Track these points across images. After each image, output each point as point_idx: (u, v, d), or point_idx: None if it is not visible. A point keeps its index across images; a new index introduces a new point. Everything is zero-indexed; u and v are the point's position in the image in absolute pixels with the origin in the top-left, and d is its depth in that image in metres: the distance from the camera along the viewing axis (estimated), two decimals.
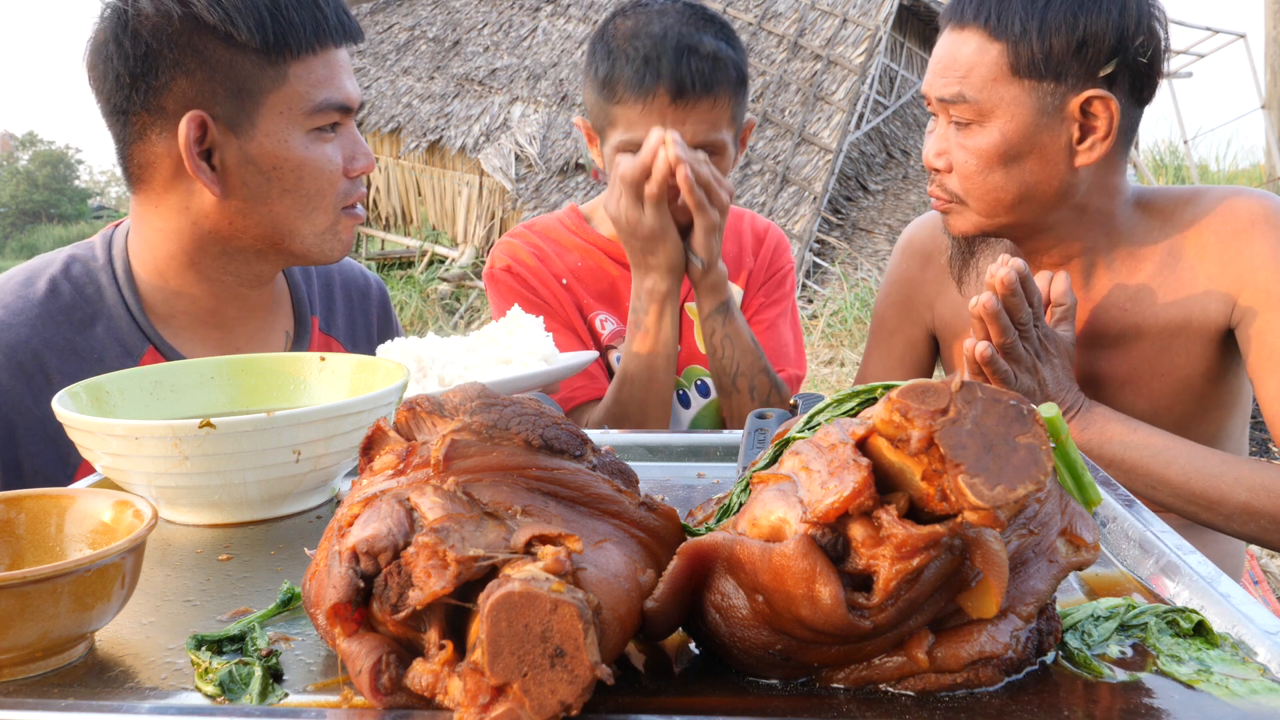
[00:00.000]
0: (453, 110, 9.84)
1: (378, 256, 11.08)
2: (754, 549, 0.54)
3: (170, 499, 0.89)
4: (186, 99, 1.20)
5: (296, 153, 1.25)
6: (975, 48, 1.30)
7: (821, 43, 8.99)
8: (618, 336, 1.68)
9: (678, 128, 1.48)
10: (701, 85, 1.48)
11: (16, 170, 34.09)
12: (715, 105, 1.51)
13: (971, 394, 0.51)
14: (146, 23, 1.19)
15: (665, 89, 1.48)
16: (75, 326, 1.27)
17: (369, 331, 1.58)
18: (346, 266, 1.60)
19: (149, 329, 1.30)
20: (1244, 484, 1.24)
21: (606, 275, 1.71)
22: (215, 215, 1.26)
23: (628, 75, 1.51)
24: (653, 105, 1.49)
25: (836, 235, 8.70)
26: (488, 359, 1.27)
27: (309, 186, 1.27)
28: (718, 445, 1.14)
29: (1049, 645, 0.58)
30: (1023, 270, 1.23)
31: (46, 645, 0.60)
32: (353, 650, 0.54)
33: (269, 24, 1.20)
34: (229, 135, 1.22)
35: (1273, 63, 10.22)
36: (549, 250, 1.71)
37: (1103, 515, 0.82)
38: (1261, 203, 1.33)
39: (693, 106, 1.49)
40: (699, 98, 1.49)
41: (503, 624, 0.48)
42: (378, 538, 0.53)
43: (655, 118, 1.49)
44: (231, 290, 1.34)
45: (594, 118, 1.62)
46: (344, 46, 1.30)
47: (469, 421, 0.60)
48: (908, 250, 1.63)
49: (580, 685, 0.49)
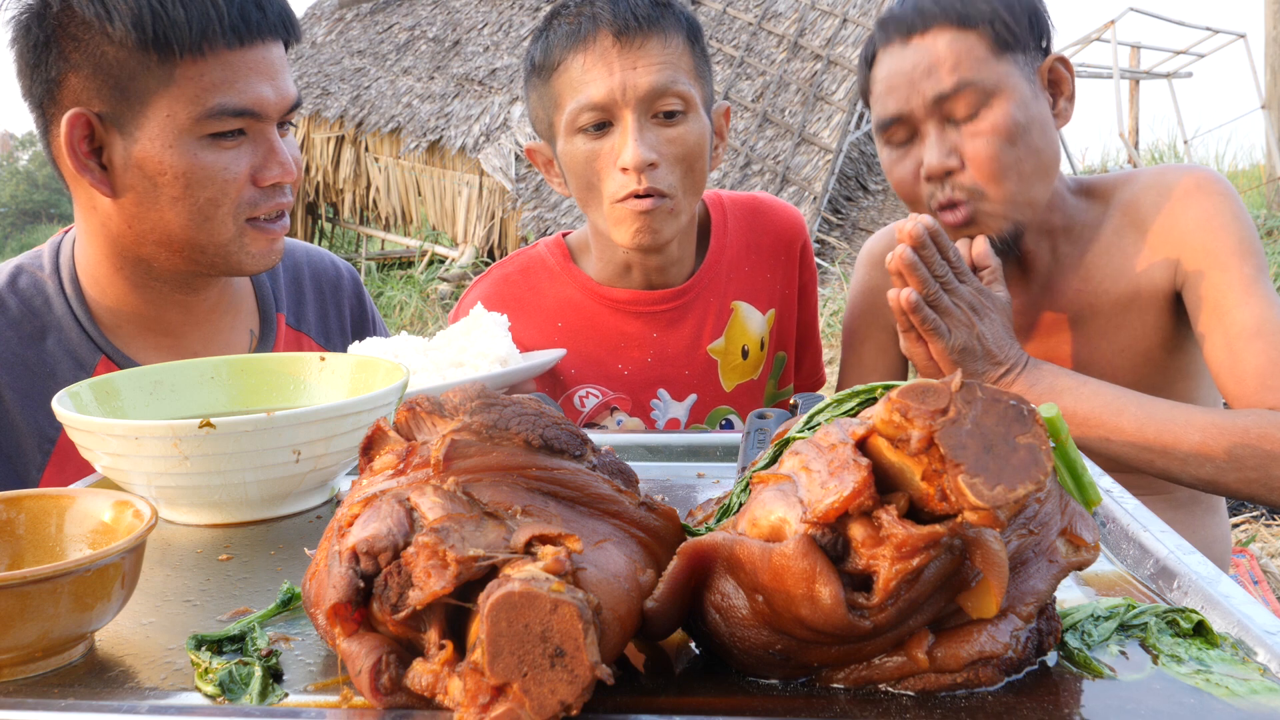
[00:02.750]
0: (453, 110, 9.84)
1: (378, 256, 11.09)
2: (754, 549, 0.54)
3: (170, 499, 0.89)
4: (75, 94, 1.15)
5: (183, 159, 1.16)
6: (950, 40, 1.32)
7: (821, 43, 8.99)
8: (602, 411, 1.50)
9: (629, 73, 1.31)
10: (645, 20, 1.32)
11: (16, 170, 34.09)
12: (667, 45, 1.33)
13: (971, 394, 0.51)
14: (37, 12, 1.15)
15: (606, 28, 1.32)
16: (24, 341, 1.23)
17: (342, 323, 1.52)
18: (316, 257, 1.54)
19: (100, 339, 1.25)
20: (1195, 425, 1.24)
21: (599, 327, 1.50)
22: (116, 218, 1.21)
23: (564, 33, 1.36)
24: (595, 51, 1.32)
25: (836, 235, 8.70)
26: (439, 362, 1.21)
27: (198, 196, 1.18)
28: (718, 445, 1.14)
29: (1049, 645, 0.58)
30: (931, 225, 1.25)
31: (46, 645, 0.60)
32: (353, 650, 0.54)
33: (148, 20, 1.12)
34: (115, 135, 1.16)
35: (1273, 63, 10.21)
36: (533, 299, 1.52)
37: (1103, 515, 0.82)
38: (1191, 173, 1.39)
39: (641, 46, 1.32)
40: (646, 34, 1.32)
41: (503, 624, 0.48)
42: (378, 538, 0.53)
43: (601, 66, 1.32)
44: (166, 296, 1.29)
45: (540, 122, 1.44)
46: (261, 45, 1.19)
47: (469, 421, 0.60)
48: (869, 261, 1.63)
49: (580, 685, 0.49)
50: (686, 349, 1.52)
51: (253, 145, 1.21)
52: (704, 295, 1.52)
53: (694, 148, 1.36)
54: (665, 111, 1.34)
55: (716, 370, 1.53)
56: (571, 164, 1.39)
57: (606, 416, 1.51)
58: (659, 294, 1.50)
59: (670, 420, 1.53)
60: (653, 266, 1.48)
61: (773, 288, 1.58)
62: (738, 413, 1.56)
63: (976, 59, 1.32)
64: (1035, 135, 1.34)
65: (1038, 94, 1.36)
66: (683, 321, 1.51)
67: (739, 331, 1.55)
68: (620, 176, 1.34)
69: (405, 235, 10.75)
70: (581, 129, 1.36)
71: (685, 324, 1.51)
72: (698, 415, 1.54)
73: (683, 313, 1.51)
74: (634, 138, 1.32)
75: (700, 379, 1.52)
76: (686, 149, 1.35)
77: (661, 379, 1.52)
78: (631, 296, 1.50)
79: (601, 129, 1.35)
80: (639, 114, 1.33)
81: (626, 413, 1.51)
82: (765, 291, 1.56)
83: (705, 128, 1.38)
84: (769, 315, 1.57)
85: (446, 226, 9.88)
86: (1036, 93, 1.36)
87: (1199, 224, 1.35)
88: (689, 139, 1.35)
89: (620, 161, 1.33)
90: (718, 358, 1.54)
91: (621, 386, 1.50)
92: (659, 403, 1.52)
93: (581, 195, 1.41)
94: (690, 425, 1.53)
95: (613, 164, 1.35)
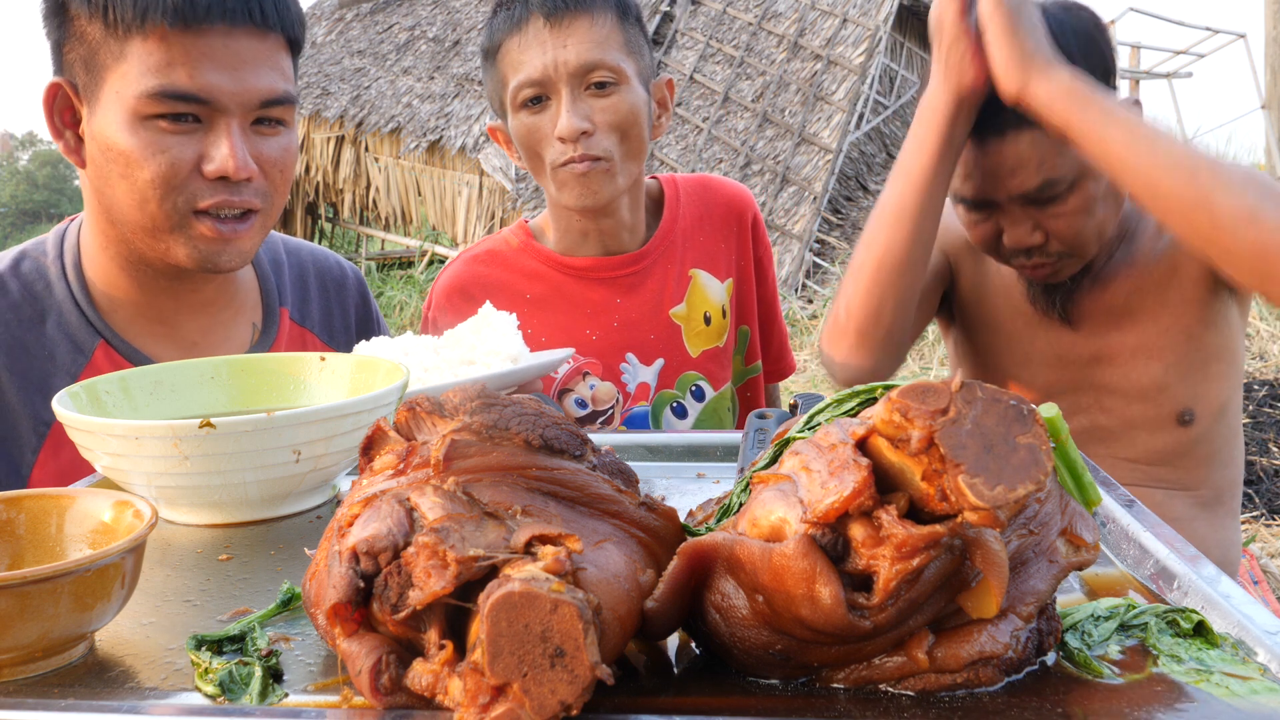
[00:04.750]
0: (453, 110, 9.84)
1: (378, 256, 11.10)
2: (754, 549, 0.54)
3: (170, 499, 0.89)
4: (69, 64, 1.19)
5: (126, 137, 1.15)
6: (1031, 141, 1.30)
7: (821, 43, 8.99)
8: (575, 376, 1.59)
9: (560, 51, 1.43)
10: (574, 2, 1.44)
11: (16, 170, 34.10)
12: (595, 24, 1.45)
13: (971, 394, 0.51)
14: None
15: (536, 11, 1.44)
16: (24, 324, 1.24)
17: (346, 322, 1.52)
18: (321, 256, 1.54)
19: (99, 323, 1.26)
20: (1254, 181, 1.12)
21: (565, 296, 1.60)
22: (89, 193, 1.23)
23: (502, 19, 1.48)
24: (529, 33, 1.45)
25: (836, 235, 8.70)
26: (450, 360, 1.22)
27: (138, 176, 1.16)
28: (718, 445, 1.14)
29: (1049, 645, 0.58)
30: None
31: (46, 645, 0.60)
32: (353, 650, 0.54)
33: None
34: (84, 106, 1.18)
35: (1273, 63, 10.22)
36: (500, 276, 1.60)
37: (1103, 515, 0.82)
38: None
39: (570, 25, 1.44)
40: (574, 15, 1.44)
41: (503, 624, 0.48)
42: (378, 538, 0.53)
43: (535, 46, 1.44)
44: (155, 283, 1.28)
45: (494, 101, 1.56)
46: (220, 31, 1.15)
47: (469, 421, 0.60)
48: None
49: (580, 685, 0.49)
50: (649, 314, 1.62)
51: (207, 135, 1.18)
52: (661, 261, 1.62)
53: (627, 115, 1.47)
54: (596, 83, 1.45)
55: (680, 335, 1.63)
56: (519, 137, 1.51)
57: (579, 381, 1.59)
58: (617, 259, 1.60)
59: (640, 384, 1.61)
60: (606, 231, 1.58)
61: (729, 257, 1.68)
62: (706, 378, 1.64)
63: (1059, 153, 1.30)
64: (1110, 193, 1.36)
65: None
66: (643, 286, 1.61)
67: (699, 298, 1.64)
68: (559, 145, 1.46)
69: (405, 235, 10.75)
70: (523, 104, 1.48)
71: (645, 288, 1.61)
72: (667, 380, 1.62)
73: (642, 278, 1.61)
74: (567, 109, 1.44)
75: (665, 344, 1.62)
76: (620, 116, 1.46)
77: (628, 344, 1.61)
78: (591, 263, 1.60)
79: (540, 102, 1.47)
80: (572, 87, 1.45)
81: (598, 377, 1.60)
82: (722, 260, 1.67)
83: (640, 98, 1.49)
84: (727, 284, 1.67)
85: (446, 226, 9.88)
86: None
87: None
88: (621, 107, 1.47)
89: (557, 131, 1.45)
90: (680, 323, 1.63)
91: (591, 352, 1.59)
92: (628, 366, 1.61)
93: (531, 165, 1.53)
94: (660, 390, 1.62)
95: (552, 134, 1.46)
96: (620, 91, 1.46)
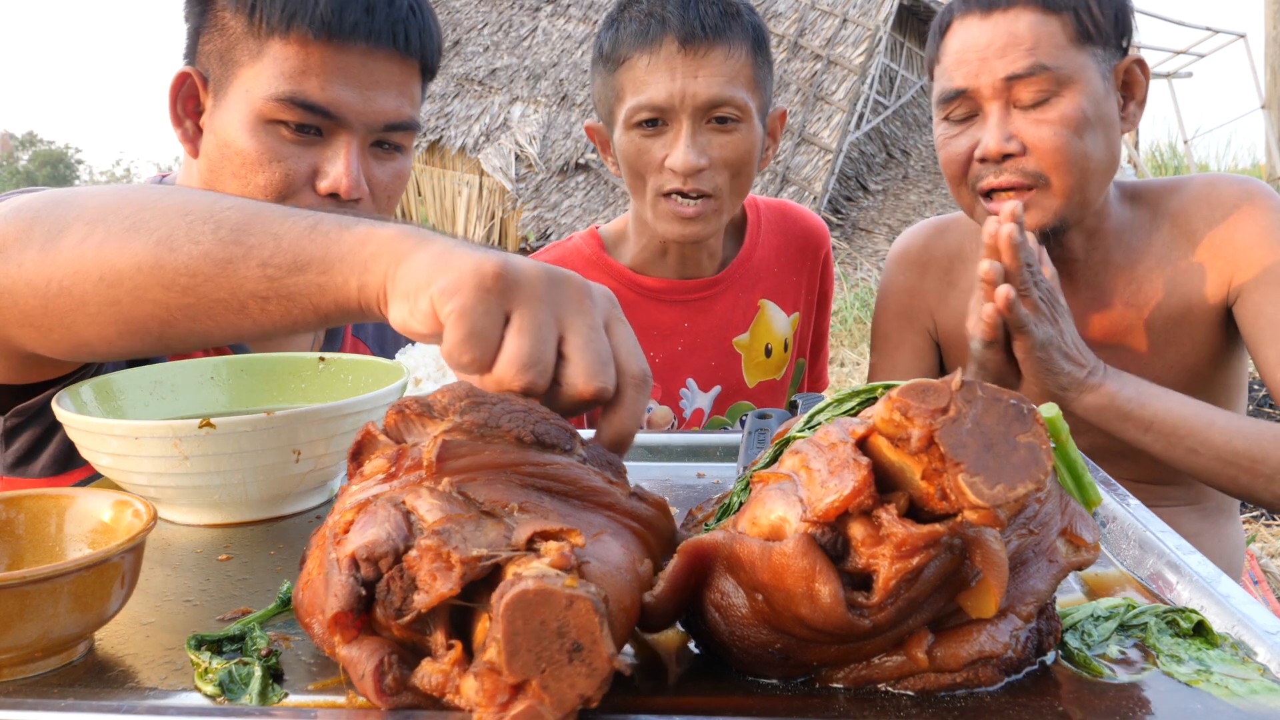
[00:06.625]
0: (453, 110, 9.84)
1: None
2: (754, 547, 0.54)
3: (170, 499, 0.89)
4: (203, 53, 1.18)
5: (248, 139, 1.15)
6: (1032, 22, 1.29)
7: (821, 43, 8.99)
8: None
9: (690, 81, 1.37)
10: (712, 30, 1.37)
11: (16, 170, 34.08)
12: (730, 56, 1.39)
13: (971, 393, 0.51)
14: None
15: (673, 34, 1.37)
16: None
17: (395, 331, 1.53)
18: None
19: None
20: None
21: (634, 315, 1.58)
22: (199, 184, 1.21)
23: (633, 31, 1.41)
24: (660, 55, 1.38)
25: (836, 235, 8.70)
26: None
27: (253, 179, 1.16)
28: (718, 445, 1.14)
29: (1049, 645, 0.58)
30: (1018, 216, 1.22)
31: (46, 645, 0.60)
32: (353, 655, 0.53)
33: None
34: (212, 99, 1.18)
35: (1273, 63, 10.22)
36: None
37: (1103, 515, 0.82)
38: (1243, 185, 1.38)
39: (704, 55, 1.37)
40: (711, 44, 1.37)
41: (519, 622, 0.48)
42: (378, 543, 0.53)
43: (664, 70, 1.38)
44: None
45: (602, 106, 1.51)
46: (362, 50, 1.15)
47: (459, 421, 0.60)
48: (903, 261, 1.61)
49: (599, 678, 0.49)
50: (714, 339, 1.58)
51: (325, 149, 1.18)
52: (733, 289, 1.58)
53: (744, 154, 1.43)
54: (719, 118, 1.40)
55: (740, 364, 1.59)
56: (625, 155, 1.46)
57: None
58: (692, 283, 1.56)
59: (695, 410, 1.58)
60: (689, 255, 1.55)
61: (798, 291, 1.63)
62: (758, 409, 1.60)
63: (1056, 45, 1.28)
64: (1101, 133, 1.31)
65: (1110, 92, 1.32)
66: (711, 311, 1.57)
67: (764, 329, 1.60)
68: (668, 173, 1.42)
69: None
70: (638, 124, 1.43)
71: (713, 313, 1.57)
72: (720, 407, 1.59)
73: (712, 303, 1.58)
74: (686, 143, 1.39)
75: (724, 371, 1.58)
76: (736, 155, 1.42)
77: (690, 368, 1.58)
78: (665, 285, 1.56)
79: (656, 125, 1.42)
80: (694, 120, 1.39)
81: (656, 400, 1.57)
82: (791, 294, 1.62)
83: (758, 135, 1.45)
84: (793, 319, 1.63)
85: (446, 226, 9.88)
86: (1109, 91, 1.32)
87: (1254, 239, 1.33)
88: (740, 146, 1.42)
89: (670, 163, 1.40)
90: (741, 352, 1.59)
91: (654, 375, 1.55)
92: (687, 392, 1.58)
93: (631, 182, 1.49)
94: (712, 417, 1.59)
95: (663, 161, 1.41)
96: (741, 130, 1.42)
